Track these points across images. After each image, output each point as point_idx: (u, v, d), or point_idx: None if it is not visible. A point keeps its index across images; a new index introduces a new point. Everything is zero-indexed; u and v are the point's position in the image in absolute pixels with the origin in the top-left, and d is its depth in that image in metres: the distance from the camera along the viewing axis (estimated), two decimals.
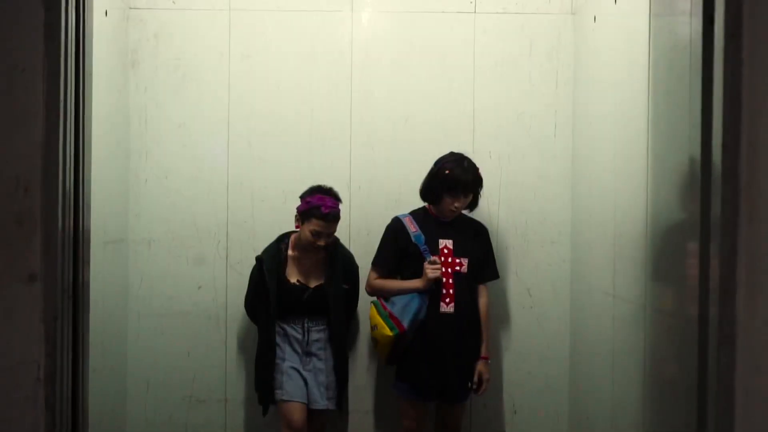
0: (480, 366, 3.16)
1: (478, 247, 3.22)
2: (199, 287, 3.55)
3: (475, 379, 3.15)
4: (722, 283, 1.60)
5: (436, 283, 3.10)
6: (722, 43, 1.60)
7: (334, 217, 3.12)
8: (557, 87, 3.56)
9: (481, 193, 3.21)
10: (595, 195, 3.18)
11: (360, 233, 3.53)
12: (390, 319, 3.13)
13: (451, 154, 3.17)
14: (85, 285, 1.88)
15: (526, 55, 3.57)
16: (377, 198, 3.53)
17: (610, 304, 2.93)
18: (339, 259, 3.24)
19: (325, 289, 3.19)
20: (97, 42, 1.99)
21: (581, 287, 3.41)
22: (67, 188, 1.77)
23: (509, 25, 3.56)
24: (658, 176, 2.13)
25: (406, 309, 3.10)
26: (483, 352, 3.18)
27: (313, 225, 3.09)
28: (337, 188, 3.40)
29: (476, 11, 3.56)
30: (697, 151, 1.67)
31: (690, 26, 1.72)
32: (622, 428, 2.80)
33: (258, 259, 3.23)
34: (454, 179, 3.07)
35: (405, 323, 3.08)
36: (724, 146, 1.59)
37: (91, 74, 1.90)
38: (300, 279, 3.20)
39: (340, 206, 3.17)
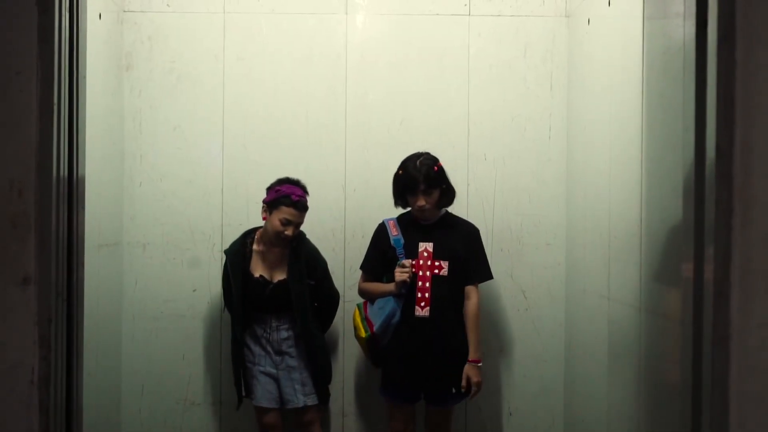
0: (467, 369, 3.04)
1: (464, 249, 3.12)
2: (194, 290, 3.54)
3: (463, 383, 3.04)
4: (716, 285, 1.60)
5: (411, 286, 3.06)
6: (715, 46, 1.60)
7: (303, 206, 3.14)
8: (552, 90, 3.57)
9: (446, 187, 3.08)
10: (590, 197, 3.18)
11: (355, 236, 3.53)
12: (366, 321, 3.16)
13: (411, 154, 3.11)
14: (80, 288, 1.87)
15: (521, 58, 3.57)
16: (372, 201, 3.52)
17: (605, 306, 2.93)
18: (303, 254, 3.20)
19: (288, 283, 3.17)
20: (91, 45, 1.99)
21: (576, 290, 3.41)
22: (61, 191, 1.77)
23: (504, 27, 3.56)
24: (653, 179, 2.14)
25: (379, 312, 3.10)
26: (471, 355, 3.06)
27: (283, 213, 3.09)
28: (332, 191, 3.41)
29: (471, 14, 3.57)
30: (691, 153, 1.68)
31: (683, 29, 1.73)
32: (617, 430, 2.80)
33: (224, 253, 3.25)
34: (407, 178, 3.04)
35: (375, 326, 3.09)
36: (718, 149, 1.60)
37: (85, 77, 1.90)
38: (263, 274, 3.19)
39: (308, 198, 3.17)
